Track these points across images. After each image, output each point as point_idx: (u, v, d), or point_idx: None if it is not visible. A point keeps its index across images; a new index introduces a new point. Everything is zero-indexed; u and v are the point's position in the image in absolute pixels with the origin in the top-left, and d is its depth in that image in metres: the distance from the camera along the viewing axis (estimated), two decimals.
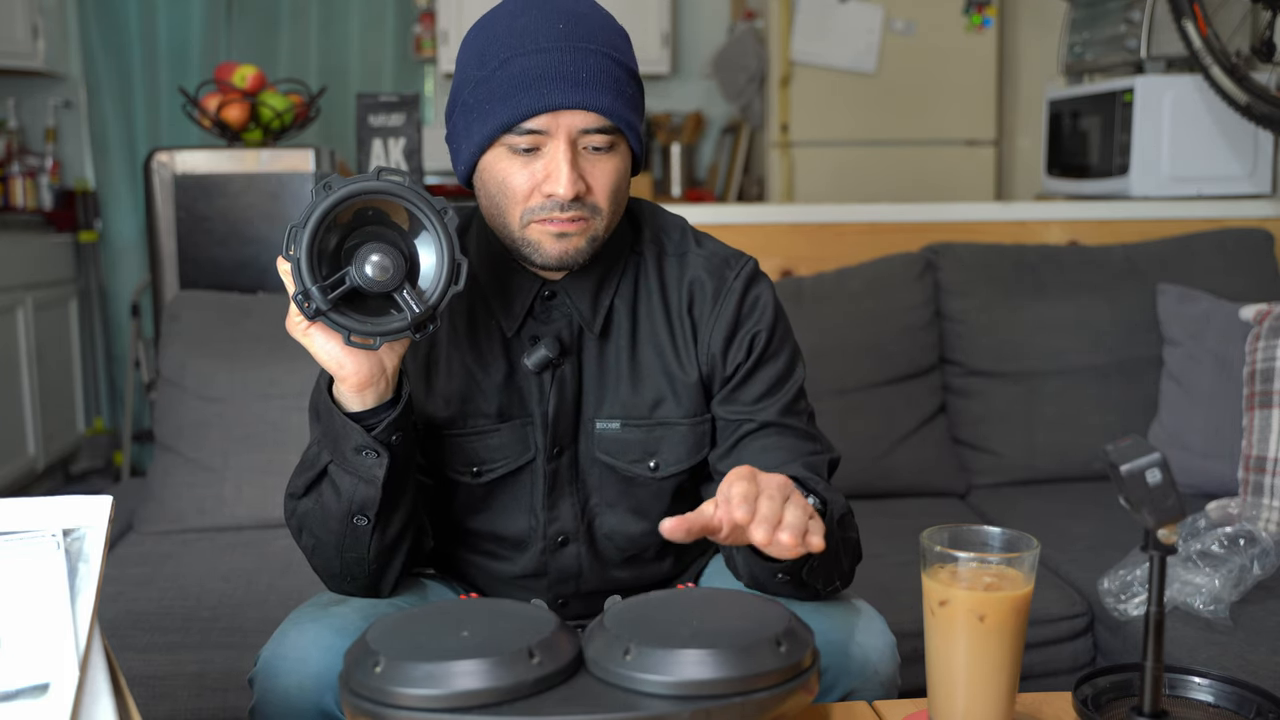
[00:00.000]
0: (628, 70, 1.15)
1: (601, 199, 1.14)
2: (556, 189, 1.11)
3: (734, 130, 4.59)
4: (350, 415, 1.08)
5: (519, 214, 1.14)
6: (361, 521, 1.11)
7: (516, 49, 1.11)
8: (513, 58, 1.11)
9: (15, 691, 0.74)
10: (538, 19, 1.12)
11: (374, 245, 1.02)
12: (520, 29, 1.12)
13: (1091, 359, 2.32)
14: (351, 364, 1.05)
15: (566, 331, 1.22)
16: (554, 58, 1.10)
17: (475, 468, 1.23)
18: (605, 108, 1.11)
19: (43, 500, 0.81)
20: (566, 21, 1.12)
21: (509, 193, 1.13)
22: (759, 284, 1.25)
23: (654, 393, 1.23)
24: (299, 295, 1.00)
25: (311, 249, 1.00)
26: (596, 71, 1.11)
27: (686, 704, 0.81)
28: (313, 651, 1.09)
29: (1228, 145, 2.70)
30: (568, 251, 1.15)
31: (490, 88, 1.11)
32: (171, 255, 2.47)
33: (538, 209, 1.13)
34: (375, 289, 1.02)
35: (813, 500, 1.09)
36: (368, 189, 1.01)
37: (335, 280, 1.01)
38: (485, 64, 1.12)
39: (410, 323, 1.03)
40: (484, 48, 1.13)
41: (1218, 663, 1.50)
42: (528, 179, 1.12)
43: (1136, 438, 0.88)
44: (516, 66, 1.10)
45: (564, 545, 1.26)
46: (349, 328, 1.02)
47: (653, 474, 1.24)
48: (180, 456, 2.08)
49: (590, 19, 1.14)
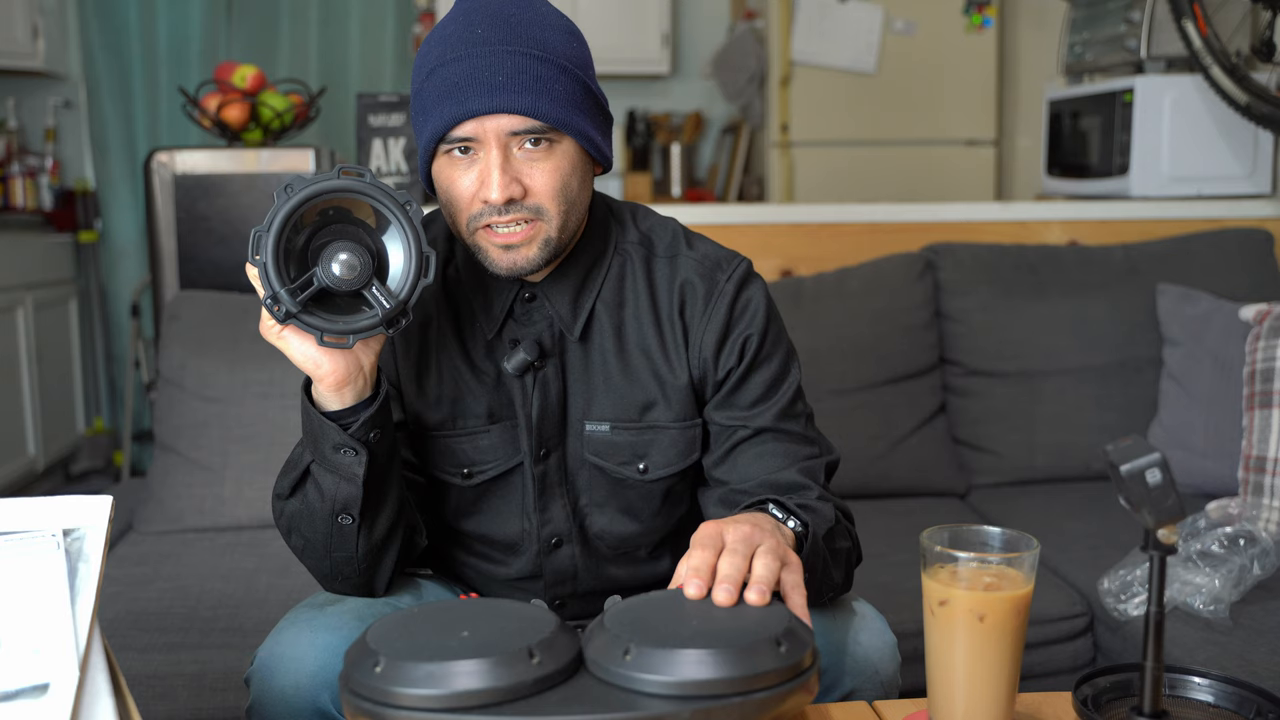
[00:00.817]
0: (559, 67, 1.12)
1: (545, 199, 1.13)
2: (489, 194, 1.10)
3: (734, 130, 4.59)
4: (328, 414, 1.08)
5: (465, 221, 1.14)
6: (346, 520, 1.11)
7: (440, 58, 1.11)
8: (437, 67, 1.11)
9: (15, 691, 0.74)
10: (460, 26, 1.12)
11: (340, 244, 1.02)
12: (445, 37, 1.12)
13: (1091, 359, 2.32)
14: (328, 363, 1.05)
15: (547, 334, 1.22)
16: (468, 64, 1.10)
17: (466, 469, 1.23)
18: (527, 108, 1.09)
19: (43, 500, 0.81)
20: (486, 25, 1.11)
21: (455, 199, 1.14)
22: (751, 286, 1.23)
23: (644, 396, 1.22)
24: (268, 299, 1.00)
25: (277, 252, 1.00)
26: (514, 72, 1.09)
27: (686, 704, 0.81)
28: (309, 651, 1.09)
29: (1228, 145, 2.70)
30: (516, 262, 1.14)
31: (423, 98, 1.13)
32: (171, 255, 2.47)
33: (479, 215, 1.13)
34: (344, 288, 1.02)
35: (793, 523, 1.08)
36: (329, 188, 1.01)
37: (303, 282, 1.01)
38: (418, 75, 1.14)
39: (381, 319, 1.03)
40: (420, 59, 1.14)
41: (1218, 663, 1.50)
42: (469, 185, 1.13)
43: (1136, 438, 0.88)
44: (439, 76, 1.11)
45: (558, 547, 1.26)
46: (320, 328, 1.02)
47: (642, 476, 1.24)
48: (180, 456, 2.08)
49: (516, 20, 1.12)
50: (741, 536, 0.97)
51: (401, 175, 2.58)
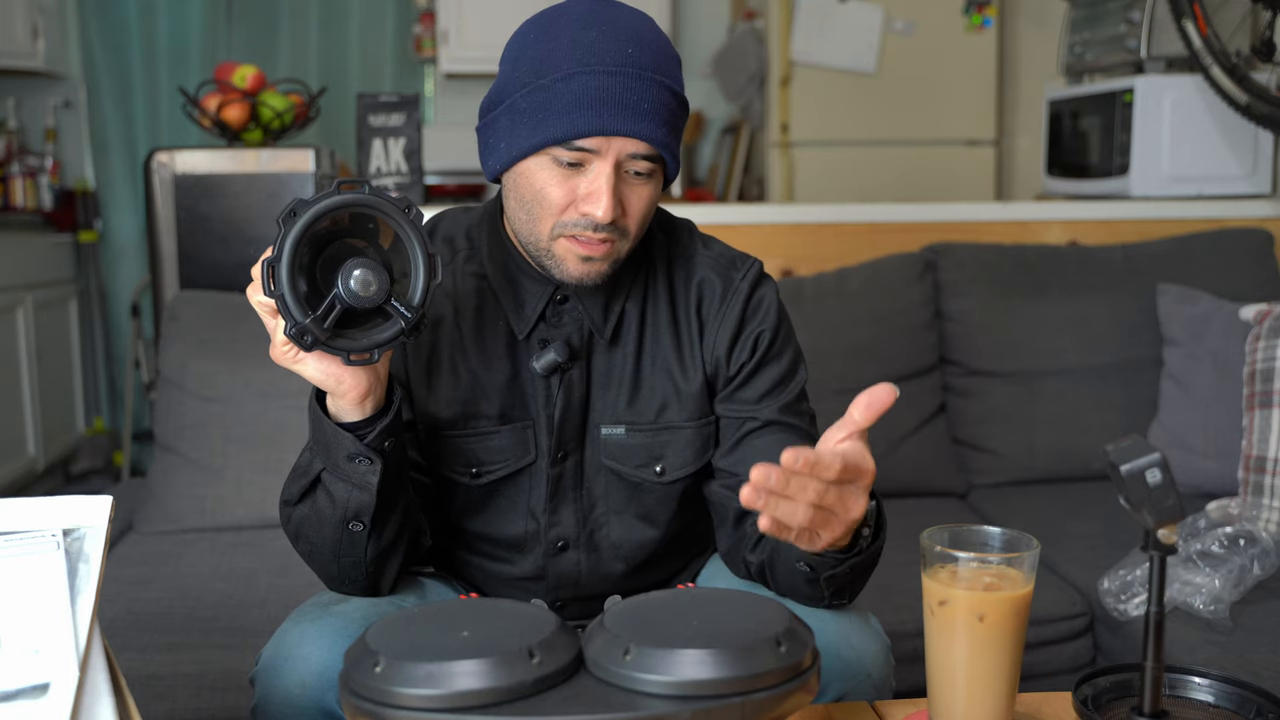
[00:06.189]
0: (683, 103, 1.16)
1: (633, 223, 1.14)
2: (595, 211, 1.10)
3: (734, 130, 4.59)
4: (343, 425, 1.07)
5: (550, 226, 1.13)
6: (357, 527, 1.10)
7: (582, 65, 1.10)
8: (577, 73, 1.09)
9: (15, 691, 0.74)
10: (606, 38, 1.11)
11: (353, 261, 1.01)
12: (588, 44, 1.10)
13: (1091, 359, 2.32)
14: (351, 379, 1.04)
15: (576, 336, 1.22)
16: (619, 82, 1.09)
17: (474, 469, 1.23)
18: (660, 139, 1.11)
19: (43, 500, 0.81)
20: (635, 46, 1.11)
21: (545, 203, 1.13)
22: (764, 285, 1.26)
23: (659, 398, 1.23)
24: (292, 331, 0.99)
25: (293, 281, 0.98)
26: (656, 103, 1.11)
27: (686, 704, 0.81)
28: (314, 650, 1.08)
29: (1228, 145, 2.70)
30: (589, 274, 1.15)
31: (547, 97, 1.10)
32: (171, 255, 2.47)
33: (570, 224, 1.12)
34: (365, 305, 1.01)
35: (872, 505, 1.07)
36: (332, 206, 1.00)
37: (325, 308, 1.00)
38: (544, 72, 1.11)
39: (405, 329, 1.03)
40: (545, 55, 1.12)
41: (1218, 663, 1.50)
42: (566, 193, 1.12)
43: (1136, 438, 0.88)
44: (579, 84, 1.09)
45: (563, 550, 1.26)
46: (347, 349, 1.01)
47: (659, 479, 1.24)
48: (180, 456, 2.08)
49: (654, 45, 1.13)
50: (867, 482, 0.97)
51: (402, 175, 2.58)
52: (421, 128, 2.61)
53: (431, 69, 4.83)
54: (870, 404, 0.96)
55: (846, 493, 0.95)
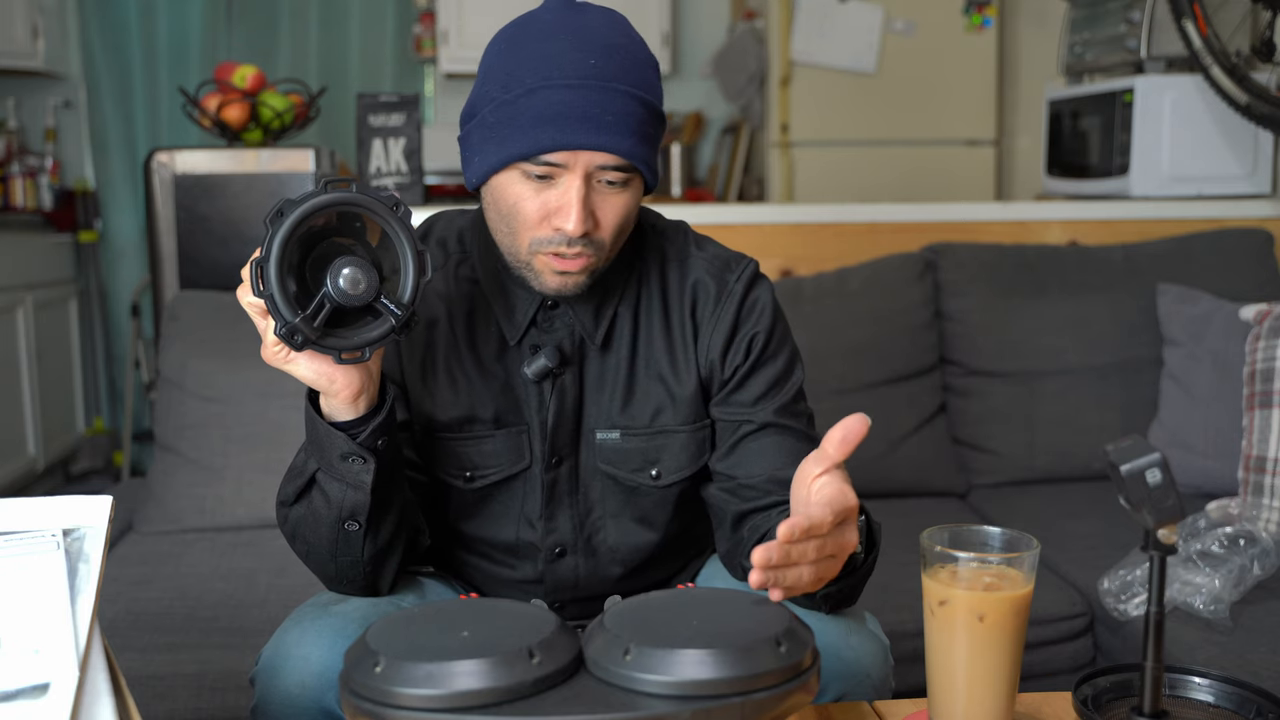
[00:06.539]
0: (653, 110, 1.13)
1: (607, 234, 1.14)
2: (566, 225, 1.10)
3: (734, 130, 4.59)
4: (336, 424, 1.07)
5: (528, 242, 1.13)
6: (353, 527, 1.10)
7: (544, 79, 1.09)
8: (539, 88, 1.09)
9: (15, 691, 0.74)
10: (569, 49, 1.09)
11: (342, 260, 1.01)
12: (551, 56, 1.09)
13: (1091, 359, 2.32)
14: (343, 378, 1.04)
15: (568, 341, 1.22)
16: (581, 95, 1.08)
17: (468, 472, 1.23)
18: (626, 150, 1.10)
19: (43, 500, 0.81)
20: (599, 57, 1.10)
21: (519, 217, 1.13)
22: (759, 286, 1.25)
23: (653, 402, 1.23)
24: (282, 330, 0.99)
25: (281, 281, 0.98)
26: (622, 114, 1.09)
27: (686, 704, 0.81)
28: (314, 650, 1.08)
29: (1228, 145, 2.70)
30: (565, 285, 1.15)
31: (512, 113, 1.10)
32: (171, 255, 2.47)
33: (545, 242, 1.12)
34: (354, 303, 1.01)
35: (861, 520, 1.06)
36: (319, 205, 1.00)
37: (315, 307, 1.00)
38: (510, 87, 1.10)
39: (395, 327, 1.03)
40: (511, 69, 1.11)
41: (1218, 663, 1.50)
42: (539, 207, 1.11)
43: (1136, 438, 0.88)
44: (541, 98, 1.08)
45: (561, 556, 1.26)
46: (338, 347, 1.01)
47: (655, 482, 1.24)
48: (180, 456, 2.08)
49: (623, 53, 1.12)
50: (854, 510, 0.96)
51: (402, 175, 2.58)
52: (421, 128, 2.61)
53: (431, 69, 4.83)
54: (845, 438, 0.96)
55: (840, 534, 0.95)
